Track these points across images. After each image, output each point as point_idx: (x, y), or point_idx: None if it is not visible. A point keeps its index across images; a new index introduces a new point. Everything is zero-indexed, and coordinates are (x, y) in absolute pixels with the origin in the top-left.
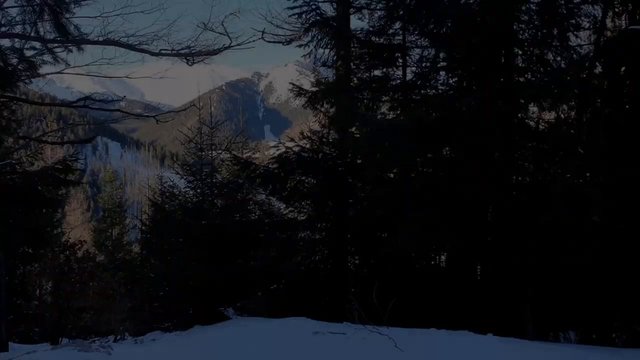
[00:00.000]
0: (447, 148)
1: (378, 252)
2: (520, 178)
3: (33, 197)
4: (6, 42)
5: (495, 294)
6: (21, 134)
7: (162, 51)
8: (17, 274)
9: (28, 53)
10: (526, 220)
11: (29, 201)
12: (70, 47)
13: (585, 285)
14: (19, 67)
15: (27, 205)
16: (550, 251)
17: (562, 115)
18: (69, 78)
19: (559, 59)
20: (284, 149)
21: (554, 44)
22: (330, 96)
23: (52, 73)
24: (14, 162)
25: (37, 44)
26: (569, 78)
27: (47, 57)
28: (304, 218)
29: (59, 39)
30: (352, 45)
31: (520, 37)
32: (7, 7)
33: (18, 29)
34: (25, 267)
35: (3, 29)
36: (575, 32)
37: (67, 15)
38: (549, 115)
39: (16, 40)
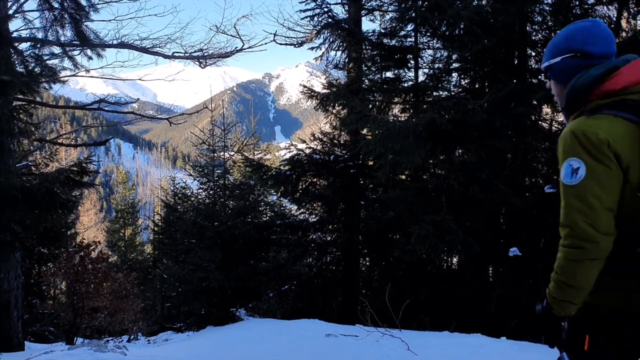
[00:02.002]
0: (460, 150)
1: (389, 254)
2: (533, 180)
3: (50, 198)
4: (25, 47)
5: (508, 297)
6: (35, 136)
7: (175, 54)
8: (33, 274)
9: (47, 59)
10: (539, 222)
11: (46, 202)
12: (91, 55)
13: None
14: (41, 73)
15: (44, 206)
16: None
17: None
18: (82, 80)
19: None
20: (295, 151)
21: None
22: (342, 98)
23: (67, 76)
24: (30, 164)
25: (57, 50)
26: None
27: (67, 63)
28: (315, 220)
29: (75, 42)
30: (363, 47)
31: (534, 38)
32: (28, 10)
33: (40, 36)
34: (40, 267)
35: (24, 33)
36: None
37: (86, 23)
38: (563, 117)
39: (38, 45)
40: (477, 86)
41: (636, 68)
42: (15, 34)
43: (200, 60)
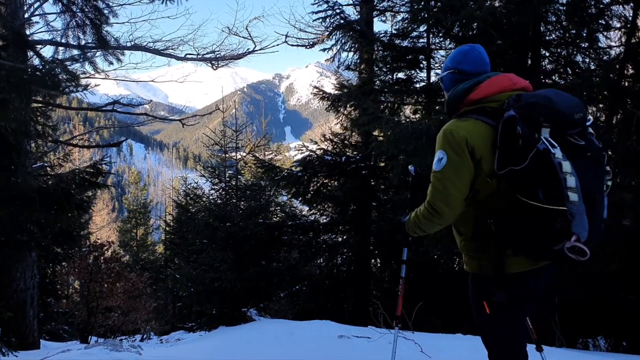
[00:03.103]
0: None
1: (401, 256)
2: None
3: (65, 199)
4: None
5: None
6: (51, 138)
7: (188, 56)
8: (48, 273)
9: (68, 64)
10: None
11: (62, 203)
12: (111, 60)
13: (615, 290)
14: (63, 77)
15: (60, 207)
16: None
17: (592, 118)
18: (94, 81)
19: (587, 60)
20: (307, 152)
21: (582, 45)
22: (354, 99)
23: (85, 77)
24: (46, 165)
25: (76, 53)
26: (598, 80)
27: (87, 68)
28: (326, 221)
29: (93, 45)
30: (375, 48)
31: (548, 38)
32: (48, 13)
33: (62, 40)
34: (55, 266)
35: (45, 36)
36: (604, 33)
37: (106, 28)
38: None
39: (60, 49)
40: None
41: (492, 83)
42: (37, 37)
43: (213, 62)
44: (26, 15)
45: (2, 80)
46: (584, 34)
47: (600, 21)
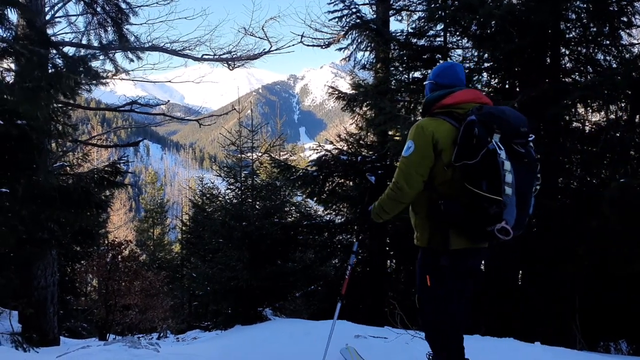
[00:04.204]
0: None
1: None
2: (566, 182)
3: (85, 198)
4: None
5: (539, 301)
6: (72, 138)
7: (205, 56)
8: (67, 271)
9: (90, 62)
10: (573, 225)
11: (81, 202)
12: (132, 57)
13: (638, 292)
14: (84, 76)
15: (80, 206)
16: (600, 257)
17: (613, 117)
18: (112, 82)
19: (609, 58)
20: (322, 152)
21: (604, 42)
22: (370, 99)
23: (106, 81)
24: (66, 164)
25: (98, 53)
26: (620, 78)
27: (108, 66)
28: (341, 221)
29: (115, 45)
30: (391, 47)
31: (568, 36)
32: (71, 15)
33: (83, 39)
34: (74, 265)
35: (67, 38)
36: (627, 30)
37: (126, 26)
38: (597, 117)
39: (81, 50)
40: (507, 86)
41: (462, 94)
42: (59, 38)
43: (229, 62)
44: (47, 17)
45: (34, 68)
46: (606, 32)
47: (622, 18)
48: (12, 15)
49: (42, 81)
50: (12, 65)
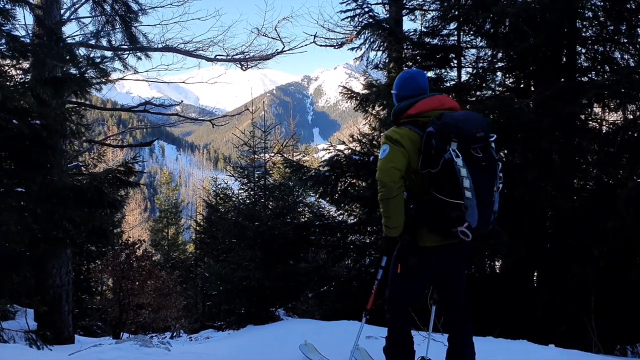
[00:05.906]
0: (505, 151)
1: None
2: (582, 182)
3: (99, 197)
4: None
5: (554, 303)
6: (85, 138)
7: (218, 57)
8: (82, 270)
9: (98, 61)
10: (589, 226)
11: (95, 201)
12: (140, 55)
13: None
14: (93, 74)
15: (93, 205)
16: (616, 258)
17: (631, 116)
18: (127, 84)
19: (627, 56)
20: (334, 152)
21: (621, 41)
22: (383, 98)
23: (115, 80)
24: (80, 164)
25: (107, 53)
26: (638, 77)
27: (117, 65)
28: (354, 221)
29: (126, 46)
30: (404, 46)
31: (584, 34)
32: (82, 17)
33: (92, 39)
34: (89, 264)
35: (78, 38)
36: None
37: (136, 25)
38: (614, 117)
39: (91, 50)
40: (521, 85)
41: (425, 103)
42: (69, 39)
43: (242, 63)
44: (64, 17)
45: (46, 67)
46: (623, 30)
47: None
48: (27, 15)
49: (53, 81)
50: (25, 65)
